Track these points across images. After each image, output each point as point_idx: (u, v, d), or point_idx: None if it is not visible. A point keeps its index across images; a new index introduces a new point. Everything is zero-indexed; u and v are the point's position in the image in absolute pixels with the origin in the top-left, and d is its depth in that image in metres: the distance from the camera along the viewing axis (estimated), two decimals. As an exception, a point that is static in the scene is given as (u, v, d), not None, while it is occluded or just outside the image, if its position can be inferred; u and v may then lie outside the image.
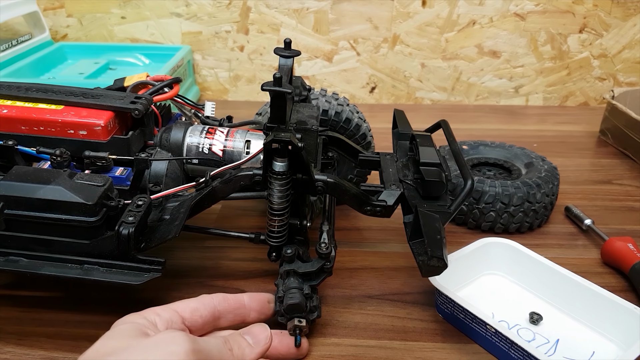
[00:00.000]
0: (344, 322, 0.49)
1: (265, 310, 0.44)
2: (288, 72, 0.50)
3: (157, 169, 0.50)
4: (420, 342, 0.47)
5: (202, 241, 0.60)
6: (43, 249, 0.44)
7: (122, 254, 0.44)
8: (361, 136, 0.63)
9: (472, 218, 0.63)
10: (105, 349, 0.34)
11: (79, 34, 1.07)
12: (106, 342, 0.34)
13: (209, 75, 1.09)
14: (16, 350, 0.45)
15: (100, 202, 0.43)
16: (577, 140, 0.91)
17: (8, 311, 0.49)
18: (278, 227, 0.47)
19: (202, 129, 0.53)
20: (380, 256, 0.59)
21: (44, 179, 0.43)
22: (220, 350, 0.36)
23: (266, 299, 0.45)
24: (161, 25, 1.05)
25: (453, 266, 0.48)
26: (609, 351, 0.46)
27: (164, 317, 0.38)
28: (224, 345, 0.37)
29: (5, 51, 0.89)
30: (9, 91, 0.51)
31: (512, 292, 0.53)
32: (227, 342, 0.37)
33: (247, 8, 1.01)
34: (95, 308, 0.50)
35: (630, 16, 1.00)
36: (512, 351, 0.42)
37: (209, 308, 0.40)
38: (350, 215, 0.66)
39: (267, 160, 0.44)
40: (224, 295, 0.42)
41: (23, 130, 0.49)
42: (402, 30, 1.02)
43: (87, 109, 0.50)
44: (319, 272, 0.46)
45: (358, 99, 1.10)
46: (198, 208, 0.47)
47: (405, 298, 0.53)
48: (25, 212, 0.43)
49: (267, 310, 0.44)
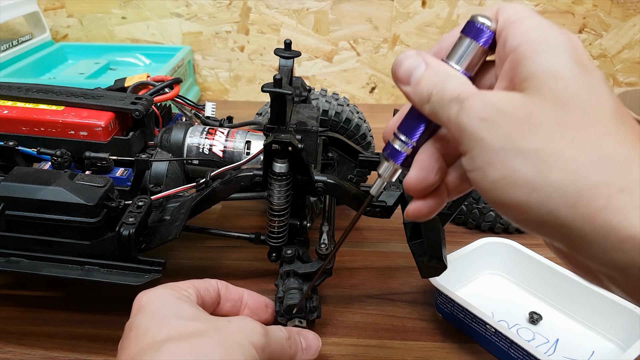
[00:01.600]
0: (344, 322, 0.49)
1: (260, 312, 0.43)
2: (288, 73, 0.50)
3: (158, 170, 0.50)
4: (420, 342, 0.47)
5: (202, 241, 0.60)
6: (44, 250, 0.45)
7: (123, 255, 0.44)
8: (361, 136, 0.63)
9: (471, 218, 0.63)
10: (188, 328, 0.32)
11: (79, 34, 1.07)
12: (186, 323, 0.32)
13: (210, 76, 1.09)
14: (17, 349, 0.45)
15: (100, 203, 0.43)
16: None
17: (8, 311, 0.50)
18: (278, 228, 0.47)
19: (203, 129, 0.53)
20: (380, 256, 0.59)
21: (44, 180, 0.43)
22: (282, 345, 0.37)
23: (264, 301, 0.44)
24: (161, 25, 1.05)
25: (453, 266, 0.48)
26: (609, 351, 0.46)
27: (192, 293, 0.37)
28: (287, 340, 0.37)
29: (6, 51, 0.89)
30: (9, 92, 0.51)
31: (512, 291, 0.53)
32: (289, 339, 0.38)
33: (248, 8, 1.02)
34: (96, 308, 0.50)
35: (630, 16, 1.00)
36: (512, 351, 0.42)
37: (216, 291, 0.40)
38: (351, 215, 0.66)
39: (267, 161, 0.44)
40: (226, 283, 0.42)
41: (24, 131, 0.49)
42: (402, 31, 1.02)
43: (87, 109, 0.50)
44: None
45: (358, 99, 1.10)
46: (198, 209, 0.47)
47: (405, 298, 0.53)
48: (26, 213, 0.43)
49: (262, 313, 0.43)
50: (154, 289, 0.36)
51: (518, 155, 0.23)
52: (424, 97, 0.27)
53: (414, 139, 0.29)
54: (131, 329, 0.32)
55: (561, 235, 0.23)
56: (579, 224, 0.22)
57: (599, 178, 0.21)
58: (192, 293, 0.37)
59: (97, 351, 0.45)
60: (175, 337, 0.31)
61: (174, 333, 0.31)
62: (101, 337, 0.47)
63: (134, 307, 0.35)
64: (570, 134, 0.22)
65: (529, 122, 0.23)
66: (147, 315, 0.33)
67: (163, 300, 0.34)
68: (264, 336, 0.34)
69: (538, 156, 0.22)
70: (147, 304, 0.34)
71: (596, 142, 0.22)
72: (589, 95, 0.23)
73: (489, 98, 0.24)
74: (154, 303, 0.34)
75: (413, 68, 0.27)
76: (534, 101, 0.23)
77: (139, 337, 0.31)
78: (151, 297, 0.35)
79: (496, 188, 0.24)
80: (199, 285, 0.38)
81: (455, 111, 0.25)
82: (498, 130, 0.23)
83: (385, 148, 0.31)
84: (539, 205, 0.23)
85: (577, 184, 0.22)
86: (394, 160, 0.30)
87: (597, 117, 0.22)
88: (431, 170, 0.28)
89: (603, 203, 0.21)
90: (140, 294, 0.35)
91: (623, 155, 0.22)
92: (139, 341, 0.31)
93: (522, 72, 0.24)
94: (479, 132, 0.24)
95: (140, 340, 0.31)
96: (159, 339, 0.31)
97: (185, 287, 0.37)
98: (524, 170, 0.23)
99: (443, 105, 0.26)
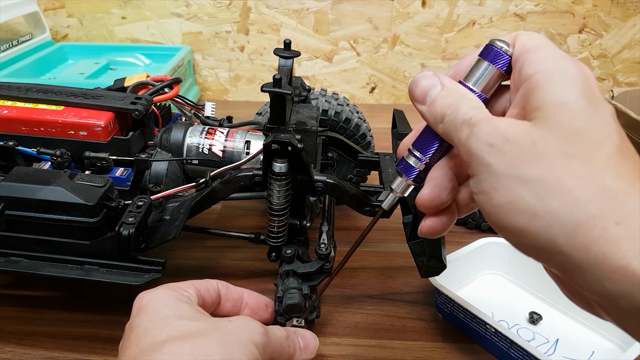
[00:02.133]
0: (344, 322, 0.49)
1: (260, 312, 0.43)
2: (288, 73, 0.50)
3: (157, 170, 0.50)
4: (420, 342, 0.47)
5: (202, 241, 0.60)
6: (43, 250, 0.45)
7: (123, 255, 0.44)
8: (361, 136, 0.63)
9: (472, 218, 0.63)
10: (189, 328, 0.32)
11: (79, 34, 1.07)
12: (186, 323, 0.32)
13: (209, 76, 1.09)
14: (17, 349, 0.45)
15: (100, 202, 0.43)
16: (577, 140, 0.91)
17: (8, 311, 0.50)
18: (278, 228, 0.47)
19: (202, 129, 0.53)
20: (380, 256, 0.59)
21: (44, 180, 0.43)
22: (282, 344, 0.37)
23: (264, 301, 0.44)
24: (161, 25, 1.05)
25: (453, 266, 0.48)
26: (609, 351, 0.46)
27: (192, 293, 0.37)
28: (285, 339, 0.38)
29: (6, 51, 0.89)
30: (9, 92, 0.51)
31: (512, 291, 0.53)
32: (288, 338, 0.38)
33: (248, 8, 1.02)
34: (96, 307, 0.50)
35: (630, 16, 1.00)
36: (512, 351, 0.42)
37: (217, 291, 0.40)
38: (350, 215, 0.66)
39: (267, 161, 0.44)
40: (226, 284, 0.42)
41: (23, 131, 0.49)
42: (402, 31, 1.02)
43: (87, 109, 0.50)
44: (319, 272, 0.46)
45: (358, 99, 1.10)
46: (198, 208, 0.47)
47: (405, 298, 0.53)
48: (25, 213, 0.43)
49: (262, 313, 0.43)
50: (154, 290, 0.36)
51: (522, 183, 0.24)
52: (437, 117, 0.28)
53: (427, 155, 0.30)
54: (132, 329, 0.32)
55: (558, 262, 0.24)
56: (575, 252, 0.23)
57: (596, 210, 0.22)
58: (192, 293, 0.37)
59: (97, 351, 0.45)
60: (176, 337, 0.31)
61: (174, 333, 0.31)
62: (101, 337, 0.47)
63: (135, 308, 0.35)
64: (573, 165, 0.23)
65: (534, 151, 0.24)
66: (148, 315, 0.33)
67: (163, 300, 0.34)
68: (264, 335, 0.34)
69: (541, 185, 0.23)
70: (147, 305, 0.34)
71: (597, 175, 0.23)
72: (595, 128, 0.24)
73: (499, 125, 0.25)
74: (155, 303, 0.34)
75: (429, 88, 0.29)
76: (541, 131, 0.24)
77: (139, 338, 0.31)
78: (151, 298, 0.35)
79: (500, 212, 0.25)
80: (199, 285, 0.38)
81: (466, 134, 0.26)
82: (504, 157, 0.25)
83: (398, 163, 0.32)
84: (538, 232, 0.24)
85: (576, 214, 0.23)
86: (407, 175, 0.31)
87: (601, 150, 0.23)
88: (444, 188, 0.29)
89: (599, 234, 0.22)
90: (140, 294, 0.35)
91: (621, 189, 0.23)
92: (139, 341, 0.31)
93: (533, 101, 0.25)
94: (486, 157, 0.25)
95: (141, 340, 0.31)
96: (159, 339, 0.31)
97: (186, 287, 0.37)
98: (527, 197, 0.24)
99: (455, 126, 0.27)
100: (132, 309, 0.35)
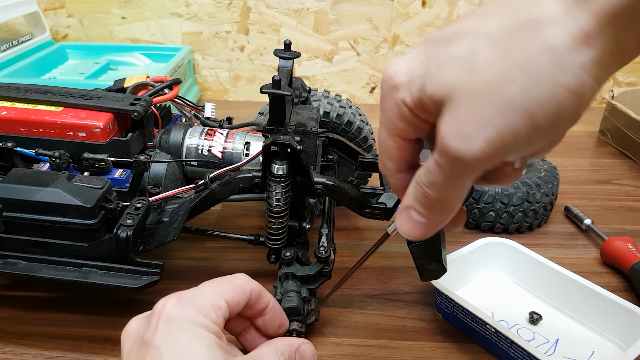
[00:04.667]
0: (344, 322, 0.49)
1: (271, 329, 0.40)
2: (288, 74, 0.50)
3: (156, 171, 0.50)
4: (420, 342, 0.47)
5: (202, 241, 0.60)
6: (41, 252, 0.44)
7: (121, 257, 0.44)
8: (363, 139, 0.62)
9: (471, 218, 0.63)
10: None
11: (79, 34, 1.07)
12: None
13: (210, 76, 1.09)
14: (17, 349, 0.45)
15: (98, 204, 0.43)
16: (576, 140, 0.91)
17: (8, 311, 0.50)
18: (277, 230, 0.46)
19: (202, 130, 0.53)
20: (380, 256, 0.59)
21: (42, 182, 0.43)
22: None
23: (279, 321, 0.40)
24: (161, 25, 1.05)
25: (453, 266, 0.48)
26: (609, 351, 0.46)
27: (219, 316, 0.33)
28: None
29: (6, 51, 0.89)
30: (8, 92, 0.51)
31: (512, 291, 0.53)
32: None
33: (248, 8, 1.01)
34: (96, 308, 0.50)
35: (631, 15, 0.99)
36: (512, 351, 0.42)
37: (246, 301, 0.37)
38: (351, 215, 0.66)
39: (266, 163, 0.44)
40: (260, 291, 0.38)
41: (22, 132, 0.49)
42: (402, 31, 1.02)
43: (86, 110, 0.50)
44: (318, 275, 0.46)
45: (358, 99, 1.10)
46: (197, 210, 0.47)
47: (405, 298, 0.53)
48: (23, 214, 0.43)
49: (272, 329, 0.40)
50: (181, 304, 0.32)
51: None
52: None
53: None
54: (149, 347, 0.30)
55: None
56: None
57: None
58: (220, 316, 0.33)
59: (97, 351, 0.45)
60: None
61: None
62: (101, 337, 0.47)
63: (155, 316, 0.32)
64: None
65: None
66: (170, 345, 0.30)
67: (189, 334, 0.31)
68: None
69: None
70: (172, 328, 0.31)
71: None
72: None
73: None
74: (180, 334, 0.31)
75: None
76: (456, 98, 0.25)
77: None
78: (177, 319, 0.31)
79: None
80: (232, 299, 0.35)
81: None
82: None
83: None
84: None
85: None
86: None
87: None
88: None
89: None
90: (164, 301, 0.32)
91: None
92: None
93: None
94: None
95: None
96: None
97: (215, 309, 0.33)
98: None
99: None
100: (152, 316, 0.32)
